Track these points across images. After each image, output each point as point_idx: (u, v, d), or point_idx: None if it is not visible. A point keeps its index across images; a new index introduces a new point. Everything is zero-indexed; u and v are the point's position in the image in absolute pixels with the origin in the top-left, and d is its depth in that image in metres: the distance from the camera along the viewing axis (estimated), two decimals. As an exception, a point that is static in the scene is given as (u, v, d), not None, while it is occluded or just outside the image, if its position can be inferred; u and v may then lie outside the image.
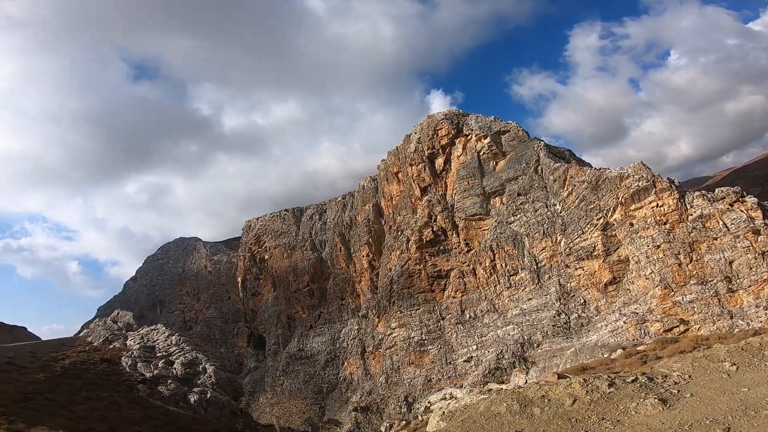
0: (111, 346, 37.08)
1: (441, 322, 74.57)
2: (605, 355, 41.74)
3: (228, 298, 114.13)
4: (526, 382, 51.07)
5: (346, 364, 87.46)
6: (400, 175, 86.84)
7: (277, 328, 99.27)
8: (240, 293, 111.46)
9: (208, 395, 29.98)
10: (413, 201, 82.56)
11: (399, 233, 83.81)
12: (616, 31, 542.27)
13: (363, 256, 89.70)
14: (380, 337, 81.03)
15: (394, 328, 77.78)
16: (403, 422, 43.89)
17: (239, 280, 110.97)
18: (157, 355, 34.64)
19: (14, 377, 26.64)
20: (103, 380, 29.94)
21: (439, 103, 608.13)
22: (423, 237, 76.87)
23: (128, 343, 37.31)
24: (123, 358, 34.08)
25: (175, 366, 32.44)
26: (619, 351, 37.94)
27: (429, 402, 49.82)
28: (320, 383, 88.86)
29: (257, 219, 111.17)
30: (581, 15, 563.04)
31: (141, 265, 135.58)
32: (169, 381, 30.66)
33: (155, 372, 31.55)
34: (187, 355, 33.84)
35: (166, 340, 36.18)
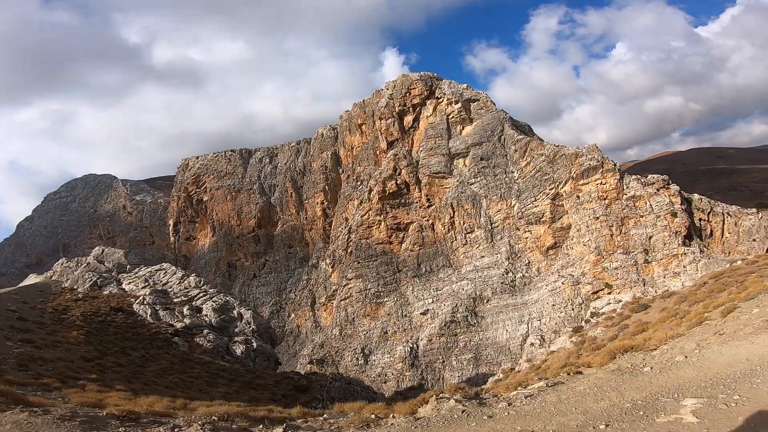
0: (107, 292, 32.53)
1: (397, 274, 77.86)
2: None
3: (152, 242, 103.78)
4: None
5: (293, 316, 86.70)
6: (364, 127, 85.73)
7: (215, 276, 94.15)
8: (171, 237, 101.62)
9: (255, 345, 28.63)
10: (377, 153, 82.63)
11: (359, 183, 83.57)
12: (576, 18, 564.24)
13: (317, 204, 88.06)
14: (334, 288, 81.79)
15: (350, 279, 79.18)
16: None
17: (171, 222, 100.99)
18: (175, 300, 31.45)
19: (50, 338, 22.49)
20: (133, 334, 26.90)
21: (392, 61, 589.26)
22: (386, 189, 78.17)
23: (127, 287, 33.10)
24: (135, 305, 30.35)
25: (205, 313, 30.04)
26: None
27: (594, 308, 51.07)
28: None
29: (197, 158, 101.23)
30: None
31: (39, 203, 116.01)
32: (205, 331, 28.61)
33: (186, 321, 28.96)
34: (215, 298, 31.53)
35: (181, 283, 32.78)
